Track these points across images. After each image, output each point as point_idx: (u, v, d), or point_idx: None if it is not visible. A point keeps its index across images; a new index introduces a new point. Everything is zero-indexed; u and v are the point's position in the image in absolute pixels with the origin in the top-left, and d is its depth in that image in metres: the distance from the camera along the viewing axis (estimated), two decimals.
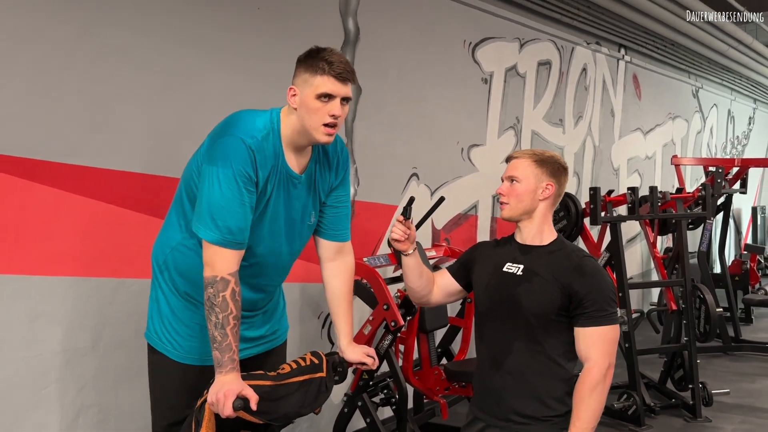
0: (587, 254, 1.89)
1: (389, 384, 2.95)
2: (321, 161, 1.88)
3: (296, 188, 1.81)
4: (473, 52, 4.34)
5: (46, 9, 2.26)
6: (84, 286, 2.38)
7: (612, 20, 5.47)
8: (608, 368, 1.76)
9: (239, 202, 1.67)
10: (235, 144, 1.68)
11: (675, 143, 7.44)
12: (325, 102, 1.69)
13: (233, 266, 1.68)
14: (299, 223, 1.86)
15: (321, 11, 3.31)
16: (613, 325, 1.79)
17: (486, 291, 1.92)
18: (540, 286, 1.82)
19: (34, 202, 2.25)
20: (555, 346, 1.82)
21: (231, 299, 1.65)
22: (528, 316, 1.82)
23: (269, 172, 1.73)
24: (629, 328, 3.62)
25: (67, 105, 2.33)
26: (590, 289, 1.78)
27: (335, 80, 1.69)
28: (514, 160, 1.91)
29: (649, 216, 3.88)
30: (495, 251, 1.96)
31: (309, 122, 1.71)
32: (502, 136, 4.65)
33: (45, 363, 2.29)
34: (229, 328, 1.65)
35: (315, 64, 1.70)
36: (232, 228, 1.66)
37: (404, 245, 1.89)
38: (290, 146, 1.77)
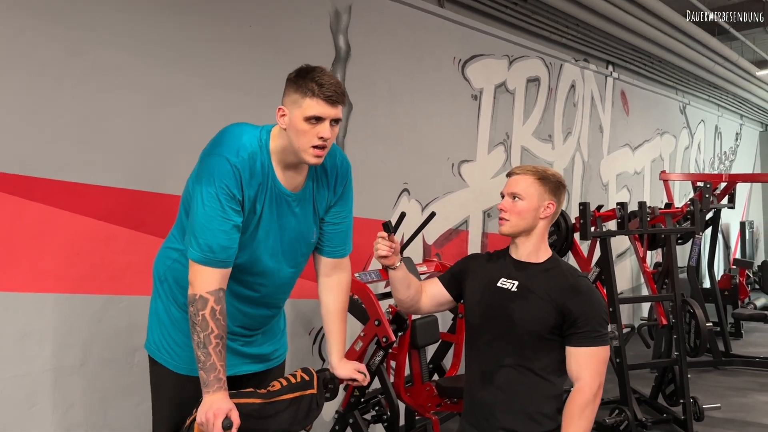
0: (582, 274, 1.91)
1: (381, 400, 2.94)
2: (319, 178, 1.86)
3: (290, 206, 1.79)
4: (463, 69, 4.38)
5: (36, 28, 2.27)
6: (72, 303, 2.36)
7: (600, 38, 5.54)
8: (598, 388, 1.78)
9: (221, 220, 1.65)
10: (219, 163, 1.67)
11: (663, 159, 7.51)
12: (314, 124, 1.67)
13: (213, 284, 1.66)
14: (297, 241, 1.84)
15: (312, 29, 3.34)
16: (604, 346, 1.81)
17: (479, 305, 1.91)
18: (534, 303, 1.82)
19: (22, 218, 2.24)
20: (546, 363, 1.82)
21: (211, 318, 1.64)
22: (521, 333, 1.82)
23: (257, 190, 1.72)
24: (620, 343, 3.62)
25: (57, 122, 2.33)
26: (584, 310, 1.79)
27: (325, 103, 1.67)
28: (516, 176, 1.91)
29: (639, 231, 3.89)
30: (488, 265, 1.96)
31: (298, 144, 1.69)
32: (492, 152, 4.68)
33: (33, 381, 2.27)
34: (212, 347, 1.63)
35: (305, 84, 1.67)
36: (213, 246, 1.65)
37: (391, 260, 1.88)
38: (282, 164, 1.76)
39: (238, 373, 1.90)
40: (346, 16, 3.52)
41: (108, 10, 2.47)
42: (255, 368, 1.95)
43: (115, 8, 2.49)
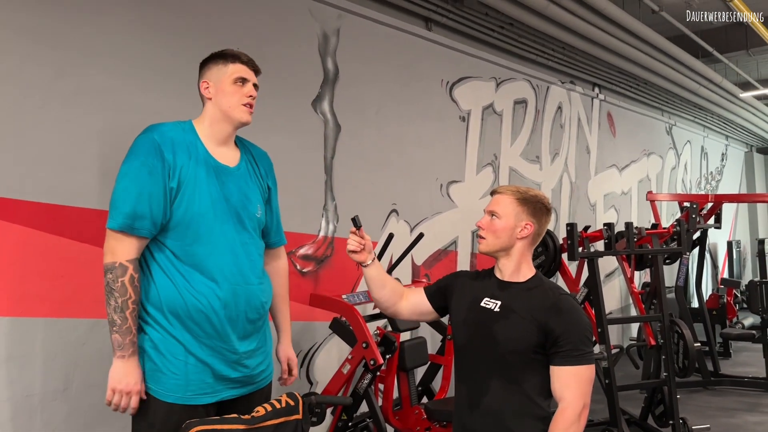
0: (564, 292, 1.89)
1: (369, 425, 2.91)
2: (249, 159, 2.02)
3: (230, 178, 1.91)
4: (451, 90, 4.42)
5: (21, 51, 2.27)
6: (56, 327, 2.34)
7: (586, 60, 5.62)
8: (583, 408, 1.75)
9: (141, 189, 1.76)
10: (138, 140, 1.83)
11: (650, 179, 7.58)
12: (240, 85, 1.91)
13: (132, 253, 1.76)
14: (243, 210, 1.92)
15: (300, 51, 3.36)
16: (588, 365, 1.78)
17: (464, 325, 1.91)
18: (516, 323, 1.81)
19: (5, 240, 2.22)
20: (532, 384, 1.81)
21: (130, 284, 1.74)
22: (504, 353, 1.81)
23: (187, 157, 1.83)
24: (609, 364, 3.62)
25: (42, 145, 2.32)
26: (566, 328, 1.77)
27: (247, 67, 1.94)
28: (498, 195, 1.92)
29: (626, 251, 3.91)
30: (474, 284, 1.96)
31: (228, 103, 1.89)
32: (481, 173, 4.71)
33: (16, 406, 2.23)
34: (129, 311, 1.74)
35: (225, 56, 1.93)
36: (129, 213, 1.75)
37: (362, 255, 1.92)
38: (213, 140, 1.91)
39: (224, 398, 1.88)
40: (335, 38, 3.55)
41: (94, 32, 2.47)
42: (240, 392, 1.92)
43: (101, 30, 2.50)
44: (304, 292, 3.27)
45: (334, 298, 2.93)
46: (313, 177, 3.40)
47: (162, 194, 1.78)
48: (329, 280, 3.45)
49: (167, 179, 1.79)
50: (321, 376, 3.42)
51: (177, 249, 1.82)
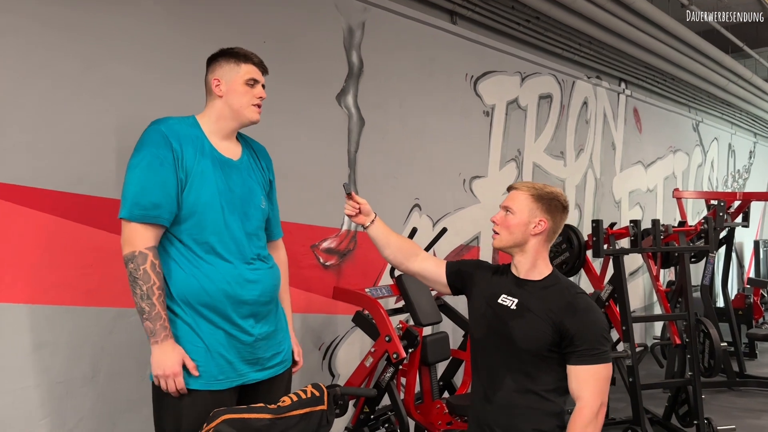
0: (581, 291, 1.89)
1: (390, 418, 2.92)
2: (251, 154, 2.08)
3: (234, 171, 1.96)
4: (475, 85, 4.39)
5: (53, 43, 2.30)
6: (84, 316, 2.37)
7: (613, 55, 5.54)
8: (600, 407, 1.75)
9: (154, 178, 1.80)
10: (146, 132, 1.87)
11: (676, 176, 7.47)
12: (251, 86, 1.97)
13: (150, 241, 1.80)
14: (248, 201, 1.98)
15: (325, 44, 3.36)
16: (605, 363, 1.78)
17: (482, 320, 1.94)
18: (532, 322, 1.82)
19: (35, 230, 2.26)
20: (546, 382, 1.82)
21: (152, 271, 1.78)
22: (520, 351, 1.83)
23: (194, 153, 1.87)
24: (633, 363, 3.58)
25: (71, 136, 2.35)
26: (582, 327, 1.78)
27: (258, 69, 2.00)
28: (514, 191, 1.93)
29: (652, 249, 3.86)
30: (493, 279, 1.98)
31: (239, 103, 1.95)
32: (504, 168, 4.68)
33: (43, 393, 2.27)
34: (155, 298, 1.78)
35: (237, 55, 1.97)
36: (144, 203, 1.79)
37: (360, 218, 2.02)
38: (217, 135, 1.96)
39: (245, 382, 1.90)
40: (360, 32, 3.54)
41: (122, 24, 2.50)
42: (261, 376, 1.94)
43: (129, 22, 2.52)
44: (327, 285, 3.28)
45: (358, 291, 2.94)
46: (336, 171, 3.41)
47: (174, 184, 1.83)
48: (352, 273, 3.46)
49: (177, 169, 1.83)
50: (343, 369, 3.43)
51: (187, 239, 1.86)
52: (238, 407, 1.71)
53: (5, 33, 2.19)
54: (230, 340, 1.86)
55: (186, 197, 1.86)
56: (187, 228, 1.86)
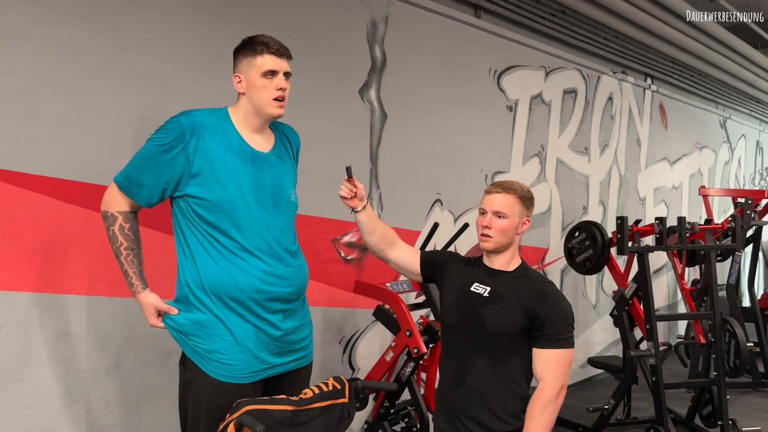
0: (549, 281, 2.04)
1: (410, 412, 2.92)
2: (284, 143, 2.06)
3: (265, 164, 1.94)
4: (498, 79, 4.36)
5: (82, 36, 2.33)
6: (109, 306, 2.41)
7: (639, 50, 5.46)
8: (561, 389, 1.88)
9: (149, 161, 1.83)
10: (169, 120, 1.88)
11: (702, 173, 7.35)
12: (270, 78, 1.88)
13: (124, 207, 1.88)
14: (279, 195, 1.96)
15: (349, 39, 3.36)
16: (568, 348, 1.91)
17: (453, 307, 2.03)
18: (505, 308, 1.93)
19: (64, 221, 2.29)
20: (516, 365, 1.94)
21: (120, 232, 1.86)
22: (492, 335, 1.93)
23: (217, 142, 1.86)
24: (657, 361, 3.54)
25: (101, 127, 2.38)
26: (550, 314, 1.91)
27: (275, 57, 1.89)
28: (498, 194, 1.99)
29: (678, 247, 3.81)
30: (464, 269, 2.07)
31: (259, 99, 1.89)
32: (527, 164, 4.64)
33: (70, 381, 2.31)
34: (122, 257, 1.88)
35: (253, 47, 1.89)
36: (132, 177, 1.86)
37: (353, 202, 2.05)
38: (249, 129, 1.93)
39: (269, 375, 1.91)
40: (383, 26, 3.54)
41: (151, 17, 2.52)
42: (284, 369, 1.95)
43: (158, 15, 2.54)
44: (348, 279, 3.28)
45: (379, 285, 2.94)
46: (358, 165, 3.41)
47: (171, 172, 1.83)
48: (372, 267, 3.46)
49: (186, 162, 1.82)
50: (363, 362, 3.44)
51: (216, 232, 1.86)
52: (261, 398, 1.72)
53: (36, 25, 2.22)
54: (259, 334, 1.87)
55: (207, 190, 1.84)
56: (217, 223, 1.85)
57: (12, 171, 2.17)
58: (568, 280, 5.11)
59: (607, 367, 4.07)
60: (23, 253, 2.20)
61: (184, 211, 1.89)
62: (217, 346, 1.85)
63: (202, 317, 1.86)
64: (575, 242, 3.97)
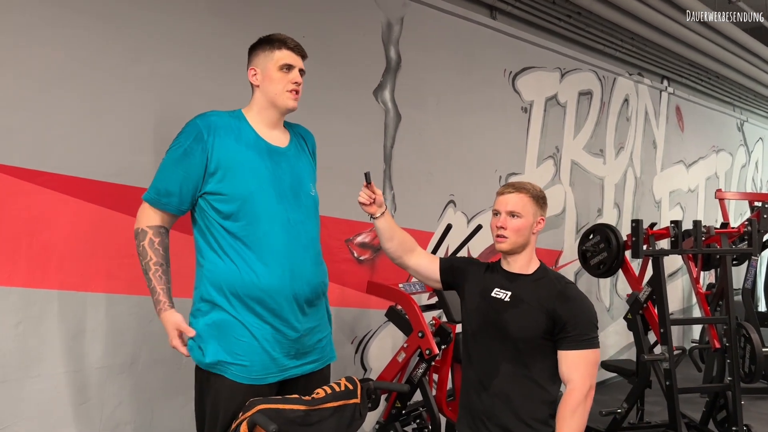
0: (570, 281, 2.00)
1: (422, 413, 2.92)
2: (300, 141, 2.08)
3: (282, 158, 1.97)
4: (513, 81, 4.34)
5: (98, 37, 2.35)
6: (125, 304, 2.43)
7: (655, 52, 5.42)
8: (589, 390, 1.86)
9: (173, 168, 1.86)
10: (185, 125, 1.91)
11: (719, 176, 7.28)
12: (286, 72, 1.94)
13: (155, 221, 1.90)
14: (298, 189, 1.98)
15: (364, 40, 3.37)
16: (594, 349, 1.89)
17: (476, 313, 2.02)
18: (526, 312, 1.92)
19: (81, 219, 2.31)
20: (540, 370, 1.91)
21: (149, 247, 1.88)
22: (515, 340, 1.91)
23: (234, 140, 1.89)
24: (670, 366, 3.51)
25: (117, 127, 2.40)
26: (573, 314, 1.88)
27: (292, 53, 1.95)
28: (512, 194, 1.99)
29: (693, 251, 3.77)
30: (484, 275, 2.07)
31: (275, 90, 1.93)
32: (541, 165, 4.62)
33: (84, 378, 2.33)
34: (151, 273, 1.88)
35: (272, 42, 1.95)
36: (160, 189, 1.88)
37: (371, 208, 2.05)
38: (262, 124, 1.97)
39: (287, 377, 1.91)
40: (398, 27, 3.54)
41: (167, 18, 2.54)
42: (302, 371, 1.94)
43: (173, 16, 2.56)
44: (361, 279, 3.29)
45: (391, 286, 2.94)
46: (372, 166, 3.41)
47: (195, 175, 1.86)
48: (385, 268, 3.46)
49: (205, 161, 1.86)
50: (375, 363, 3.44)
51: (236, 230, 1.87)
52: (274, 398, 1.73)
53: (53, 26, 2.24)
54: (276, 335, 1.87)
55: (226, 187, 1.86)
56: (234, 218, 1.86)
57: (30, 169, 2.20)
58: (581, 282, 5.08)
59: (620, 370, 4.04)
60: (40, 250, 2.23)
61: (203, 210, 1.90)
62: (234, 347, 1.85)
63: (219, 318, 1.87)
64: (589, 245, 3.95)
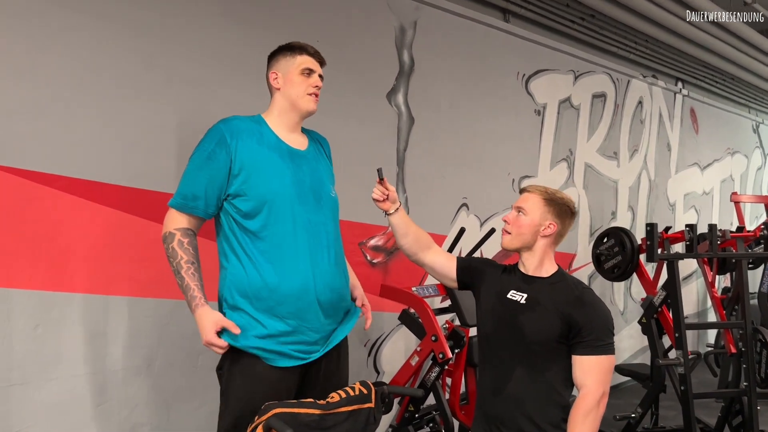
0: (587, 287, 2.00)
1: (435, 417, 2.92)
2: (317, 145, 2.12)
3: (303, 160, 2.00)
4: (526, 83, 4.33)
5: (115, 42, 2.38)
6: (141, 306, 2.45)
7: (669, 54, 5.39)
8: (602, 396, 1.85)
9: (197, 172, 1.90)
10: (208, 131, 1.95)
11: (734, 179, 7.21)
12: (307, 76, 2.00)
13: (182, 224, 1.91)
14: (319, 191, 2.01)
15: (377, 44, 3.38)
16: (609, 354, 1.88)
17: (491, 315, 2.01)
18: (542, 314, 1.91)
19: (98, 223, 2.34)
20: (555, 373, 1.90)
21: (179, 247, 1.88)
22: (530, 342, 1.91)
23: (256, 143, 1.93)
24: (686, 371, 3.48)
25: (132, 132, 2.43)
26: (589, 319, 1.88)
27: (313, 58, 2.03)
28: (527, 193, 2.01)
29: (708, 255, 3.74)
30: (501, 277, 2.06)
31: (296, 93, 1.99)
32: (555, 168, 4.61)
33: (101, 380, 2.36)
34: (183, 271, 1.87)
35: (292, 49, 2.02)
36: (186, 194, 1.90)
37: (385, 204, 2.06)
38: (284, 128, 2.01)
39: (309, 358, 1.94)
40: (411, 31, 3.54)
41: (182, 24, 2.56)
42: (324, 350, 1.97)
43: (189, 21, 2.59)
44: (374, 282, 3.29)
45: (405, 290, 2.94)
46: (385, 169, 3.38)
47: (221, 176, 1.89)
48: (398, 271, 3.47)
49: (230, 163, 1.89)
50: (387, 366, 3.45)
51: (258, 230, 1.89)
52: (288, 402, 1.74)
53: (70, 33, 2.27)
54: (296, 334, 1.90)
55: (248, 190, 1.89)
56: (259, 219, 1.89)
57: (50, 174, 2.23)
58: (595, 286, 5.06)
59: (634, 375, 4.02)
60: (59, 254, 2.25)
61: (227, 213, 1.93)
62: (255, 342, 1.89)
63: (240, 321, 1.89)
64: (604, 248, 3.93)
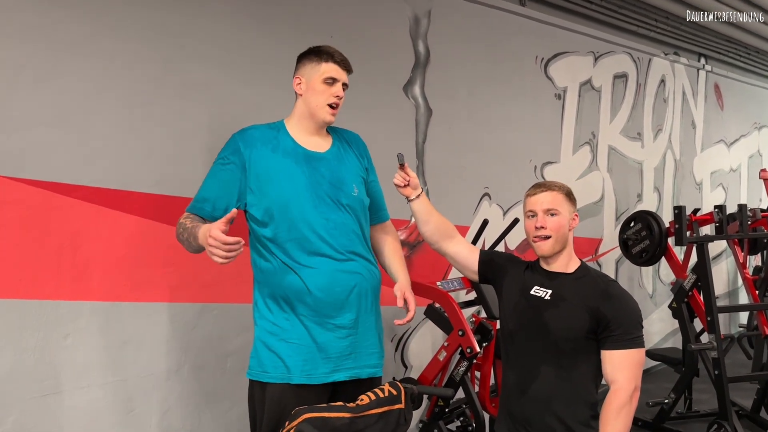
0: (613, 280, 1.97)
1: (465, 411, 2.90)
2: (343, 144, 2.09)
3: (321, 162, 1.98)
4: (545, 67, 4.26)
5: (131, 48, 2.37)
6: (168, 312, 2.46)
7: (691, 30, 5.25)
8: (634, 391, 1.81)
9: (212, 178, 1.94)
10: (226, 142, 1.97)
11: (762, 154, 7.04)
12: (329, 85, 1.97)
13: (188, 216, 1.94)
14: (338, 190, 1.98)
15: (392, 35, 3.34)
16: (639, 348, 1.84)
17: (514, 312, 1.97)
18: (568, 310, 1.87)
19: (123, 231, 2.35)
20: (582, 371, 1.86)
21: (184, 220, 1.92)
22: (556, 339, 1.86)
23: (270, 150, 1.93)
24: (719, 354, 3.41)
25: (152, 138, 2.43)
26: (617, 313, 1.84)
27: (338, 67, 1.99)
28: (547, 192, 1.95)
29: (739, 236, 3.66)
30: (524, 273, 2.02)
31: (315, 102, 1.97)
32: (578, 153, 4.53)
33: (131, 387, 2.38)
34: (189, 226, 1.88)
35: (320, 54, 1.98)
36: (197, 197, 1.95)
37: (407, 190, 2.05)
38: (302, 132, 2.00)
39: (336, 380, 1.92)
40: (426, 20, 3.49)
41: (198, 25, 2.55)
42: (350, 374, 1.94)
43: (205, 22, 2.57)
44: None
45: (430, 285, 2.92)
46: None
47: (233, 183, 1.91)
48: (421, 265, 3.44)
49: (244, 171, 1.91)
50: (415, 360, 3.43)
51: (276, 235, 1.90)
52: (318, 406, 1.74)
53: (86, 41, 2.27)
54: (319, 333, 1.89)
55: (264, 195, 1.90)
56: (273, 224, 1.90)
57: (70, 184, 2.23)
58: (623, 270, 4.98)
59: (667, 360, 3.96)
60: (84, 263, 2.27)
61: (249, 222, 1.97)
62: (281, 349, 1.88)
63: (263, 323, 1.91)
64: (631, 233, 3.86)
